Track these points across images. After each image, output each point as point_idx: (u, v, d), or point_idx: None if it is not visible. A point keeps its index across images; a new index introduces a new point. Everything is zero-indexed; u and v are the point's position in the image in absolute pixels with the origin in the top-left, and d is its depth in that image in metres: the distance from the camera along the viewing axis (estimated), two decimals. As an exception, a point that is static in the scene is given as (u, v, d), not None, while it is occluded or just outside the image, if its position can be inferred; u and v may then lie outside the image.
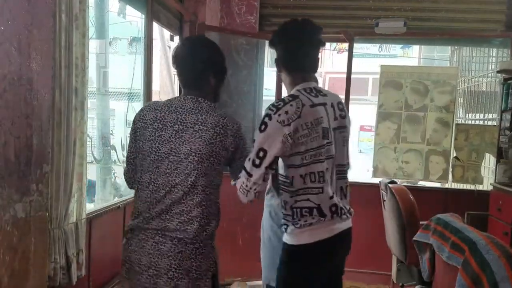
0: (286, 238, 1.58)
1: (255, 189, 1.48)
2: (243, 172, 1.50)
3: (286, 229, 1.58)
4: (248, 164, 1.49)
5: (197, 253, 1.46)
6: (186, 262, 1.45)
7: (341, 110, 1.61)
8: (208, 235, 1.49)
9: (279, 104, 1.48)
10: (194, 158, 1.43)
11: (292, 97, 1.51)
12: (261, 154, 1.46)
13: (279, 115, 1.46)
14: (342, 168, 1.62)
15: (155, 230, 1.46)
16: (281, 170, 1.57)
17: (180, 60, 1.54)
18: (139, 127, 1.51)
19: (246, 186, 1.48)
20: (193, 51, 1.53)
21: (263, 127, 1.47)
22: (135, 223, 1.51)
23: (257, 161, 1.47)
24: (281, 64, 1.62)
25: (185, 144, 1.44)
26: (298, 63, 1.59)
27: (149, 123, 1.48)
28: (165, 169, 1.45)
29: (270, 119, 1.47)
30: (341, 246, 1.65)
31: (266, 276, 2.04)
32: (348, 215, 1.62)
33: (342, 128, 1.60)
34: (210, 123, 1.45)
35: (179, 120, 1.46)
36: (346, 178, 1.65)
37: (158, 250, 1.45)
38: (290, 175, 1.52)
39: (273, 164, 1.48)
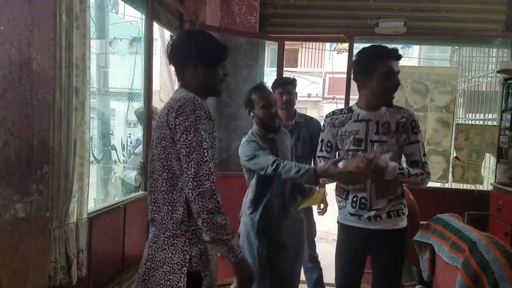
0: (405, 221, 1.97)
1: None
2: (426, 167, 1.93)
3: (403, 212, 1.95)
4: (424, 158, 1.94)
5: (168, 244, 1.42)
6: (160, 253, 1.43)
7: None
8: (176, 223, 1.41)
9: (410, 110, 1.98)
10: (154, 144, 1.48)
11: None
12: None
13: None
14: None
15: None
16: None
17: (168, 56, 1.56)
18: None
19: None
20: (177, 45, 1.54)
21: (418, 128, 1.93)
22: None
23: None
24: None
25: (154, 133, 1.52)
26: None
27: None
28: (150, 156, 1.53)
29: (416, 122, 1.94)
30: None
31: None
32: None
33: None
34: (163, 108, 1.47)
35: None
36: None
37: (148, 240, 1.51)
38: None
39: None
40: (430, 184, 3.80)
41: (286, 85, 2.87)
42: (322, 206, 2.91)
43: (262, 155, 2.11)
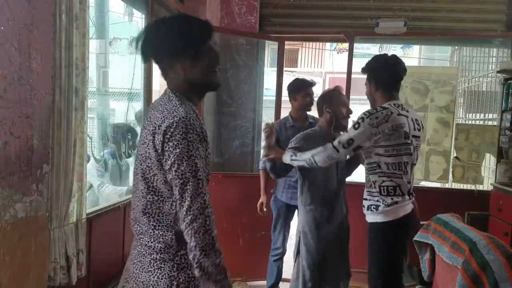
0: (376, 218, 2.04)
1: (336, 159, 2.04)
2: (330, 145, 2.02)
3: (376, 208, 2.04)
4: (336, 143, 2.01)
5: (155, 267, 1.28)
6: (145, 274, 1.29)
7: (417, 124, 2.10)
8: (164, 247, 1.27)
9: (372, 111, 1.99)
10: (138, 160, 1.30)
11: (383, 108, 2.01)
12: (350, 141, 1.99)
13: (370, 119, 1.96)
14: (413, 167, 2.09)
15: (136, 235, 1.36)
16: (369, 159, 2.06)
17: (141, 55, 1.33)
18: None
19: (332, 157, 2.01)
20: (145, 41, 1.28)
21: (357, 125, 1.98)
22: None
23: (346, 145, 1.99)
24: (379, 84, 2.12)
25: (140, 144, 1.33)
26: (394, 85, 2.13)
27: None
28: (134, 169, 1.36)
29: (363, 121, 1.97)
30: (412, 223, 2.11)
31: None
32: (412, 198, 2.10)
33: (417, 137, 2.10)
34: (149, 121, 1.27)
35: (148, 117, 1.33)
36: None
37: (132, 251, 1.37)
38: (377, 160, 2.02)
39: (355, 150, 2.05)
40: (430, 184, 3.82)
41: (312, 87, 3.00)
42: None
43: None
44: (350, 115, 2.46)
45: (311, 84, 2.97)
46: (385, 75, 2.12)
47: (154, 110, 1.28)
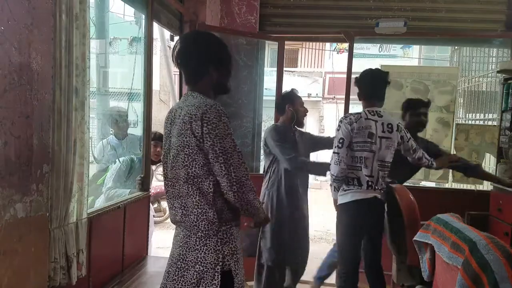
0: (339, 199, 2.55)
1: (341, 161, 2.43)
2: (332, 155, 2.46)
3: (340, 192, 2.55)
4: (333, 149, 2.48)
5: (200, 244, 1.48)
6: (192, 253, 1.48)
7: (389, 127, 2.50)
8: (208, 224, 1.48)
9: (347, 115, 2.54)
10: (175, 152, 1.51)
11: (357, 113, 2.53)
12: (341, 141, 2.45)
13: (346, 120, 2.49)
14: (382, 163, 2.49)
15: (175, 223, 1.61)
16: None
17: (177, 60, 1.60)
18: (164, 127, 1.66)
19: (338, 159, 2.44)
20: (187, 49, 1.58)
21: (338, 128, 2.51)
22: None
23: (340, 145, 2.45)
24: (362, 93, 2.58)
25: (174, 138, 1.54)
26: (374, 95, 2.56)
27: (164, 122, 1.65)
28: (170, 163, 1.56)
29: (341, 122, 2.51)
30: (372, 208, 2.50)
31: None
32: (380, 190, 2.50)
33: (388, 138, 2.48)
34: (183, 115, 1.49)
35: (172, 116, 1.58)
36: (385, 171, 2.51)
37: (175, 240, 1.58)
38: (350, 155, 2.47)
39: (349, 146, 2.45)
40: (430, 184, 3.83)
41: None
42: None
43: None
44: (306, 113, 2.91)
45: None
46: (366, 87, 2.55)
47: (181, 108, 1.52)
